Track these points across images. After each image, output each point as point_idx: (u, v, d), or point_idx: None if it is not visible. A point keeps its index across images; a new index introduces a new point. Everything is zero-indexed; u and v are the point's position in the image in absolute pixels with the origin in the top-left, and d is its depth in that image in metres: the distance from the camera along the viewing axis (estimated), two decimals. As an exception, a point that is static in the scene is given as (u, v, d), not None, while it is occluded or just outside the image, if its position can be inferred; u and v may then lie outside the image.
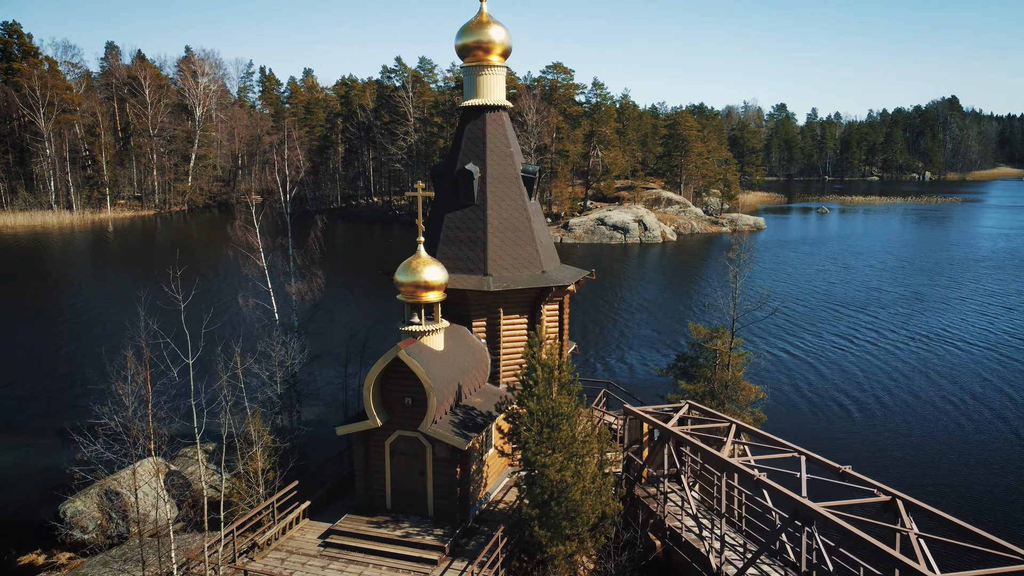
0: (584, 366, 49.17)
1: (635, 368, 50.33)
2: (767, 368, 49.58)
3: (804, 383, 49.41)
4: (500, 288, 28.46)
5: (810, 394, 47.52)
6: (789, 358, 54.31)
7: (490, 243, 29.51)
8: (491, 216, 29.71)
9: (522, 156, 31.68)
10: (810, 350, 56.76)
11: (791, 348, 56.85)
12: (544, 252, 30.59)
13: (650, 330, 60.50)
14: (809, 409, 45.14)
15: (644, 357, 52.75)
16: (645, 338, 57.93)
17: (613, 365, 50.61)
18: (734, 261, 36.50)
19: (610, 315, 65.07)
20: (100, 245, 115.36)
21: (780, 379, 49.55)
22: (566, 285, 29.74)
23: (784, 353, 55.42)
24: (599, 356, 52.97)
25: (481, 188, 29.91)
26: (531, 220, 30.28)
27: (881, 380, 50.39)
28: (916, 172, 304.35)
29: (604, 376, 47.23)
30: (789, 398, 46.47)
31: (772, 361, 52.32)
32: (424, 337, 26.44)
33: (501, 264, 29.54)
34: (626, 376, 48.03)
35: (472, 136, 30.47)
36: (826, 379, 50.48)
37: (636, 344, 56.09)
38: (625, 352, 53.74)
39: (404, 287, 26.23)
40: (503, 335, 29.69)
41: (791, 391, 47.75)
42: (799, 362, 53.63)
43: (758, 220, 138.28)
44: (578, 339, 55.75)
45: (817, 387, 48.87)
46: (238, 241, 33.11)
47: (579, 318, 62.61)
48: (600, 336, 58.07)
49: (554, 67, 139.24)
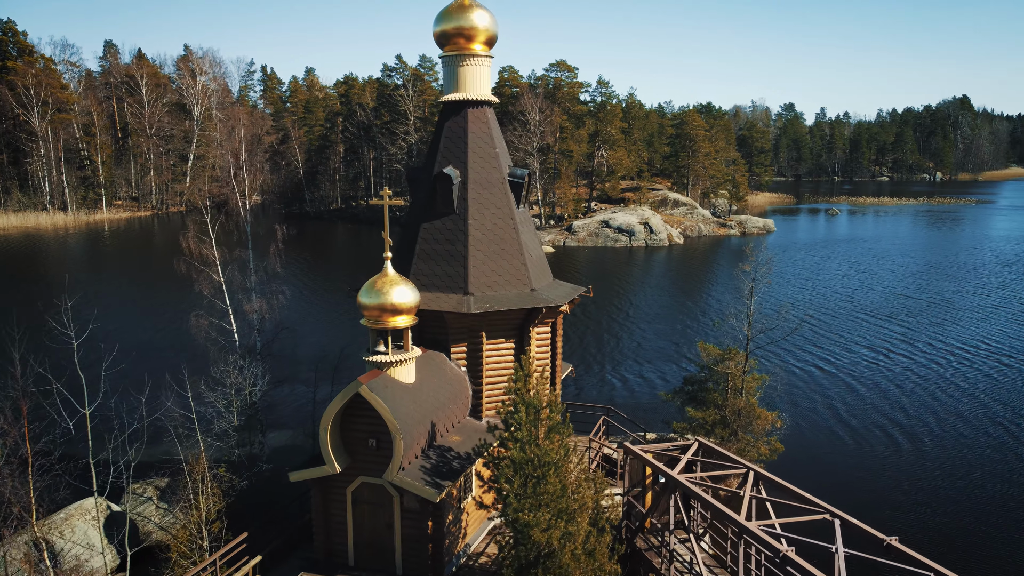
0: (582, 388, 45.23)
1: (639, 389, 46.40)
2: (788, 386, 45.18)
3: (832, 405, 44.59)
4: (482, 309, 24.84)
5: (840, 419, 42.62)
6: (813, 374, 49.77)
7: (471, 257, 25.89)
8: (473, 226, 26.09)
9: (509, 158, 28.04)
10: (837, 365, 52.20)
11: (815, 362, 52.39)
12: (534, 267, 26.95)
13: (655, 345, 56.33)
14: (839, 439, 40.12)
15: (649, 376, 48.77)
16: (650, 353, 53.80)
17: (614, 385, 46.68)
18: (749, 274, 32.74)
19: (612, 327, 60.99)
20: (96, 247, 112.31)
21: (803, 400, 45.05)
22: (558, 305, 26.09)
23: (807, 368, 50.94)
24: (599, 374, 48.99)
25: (462, 194, 26.29)
26: (519, 231, 26.65)
27: (925, 402, 45.20)
28: (927, 172, 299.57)
29: (604, 397, 43.48)
30: (814, 424, 41.75)
31: (793, 378, 47.97)
32: (392, 368, 22.82)
33: (484, 282, 25.91)
34: (629, 398, 44.12)
35: (452, 135, 26.85)
36: (859, 400, 45.47)
37: (640, 360, 52.05)
38: (628, 370, 49.74)
39: (368, 311, 22.61)
40: (486, 363, 26.06)
41: (816, 415, 43.04)
42: (825, 379, 48.96)
43: (767, 222, 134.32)
44: (576, 354, 52.06)
45: (849, 410, 43.97)
46: (190, 253, 29.58)
47: (578, 330, 58.88)
48: (600, 351, 54.10)
49: (557, 65, 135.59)
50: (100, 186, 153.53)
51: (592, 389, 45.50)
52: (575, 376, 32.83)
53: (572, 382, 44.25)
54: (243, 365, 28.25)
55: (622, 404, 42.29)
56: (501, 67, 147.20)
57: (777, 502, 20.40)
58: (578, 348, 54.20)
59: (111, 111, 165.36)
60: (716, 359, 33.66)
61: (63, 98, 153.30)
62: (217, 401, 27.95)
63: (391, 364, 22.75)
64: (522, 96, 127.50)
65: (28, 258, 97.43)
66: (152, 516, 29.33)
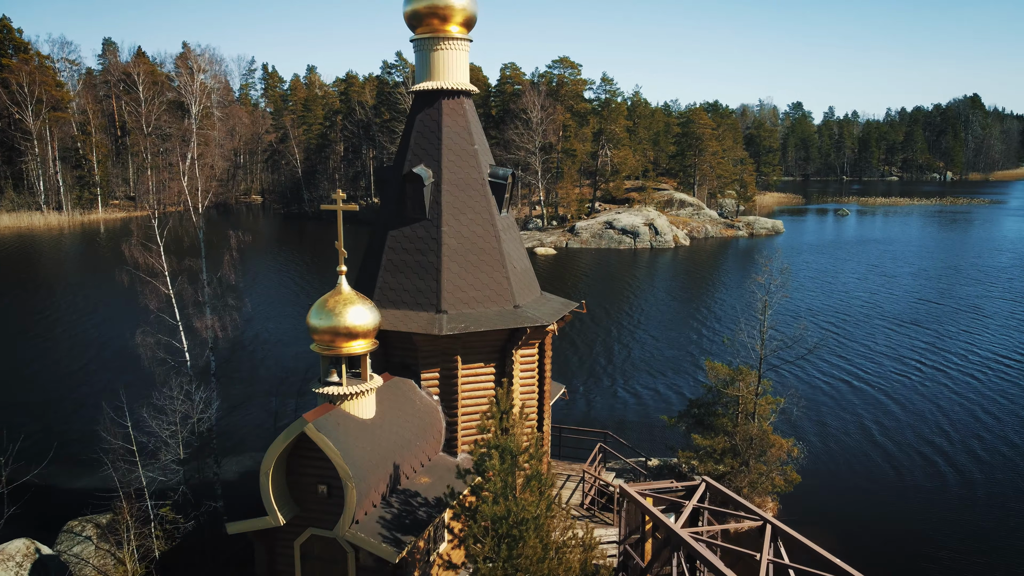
0: (577, 407, 41.46)
1: (641, 408, 42.49)
2: (808, 404, 41.02)
3: (860, 427, 39.85)
4: (456, 331, 21.49)
5: (871, 444, 37.82)
6: (836, 390, 45.45)
7: (445, 270, 22.55)
8: (447, 234, 22.74)
9: (490, 156, 24.68)
10: (863, 378, 47.71)
11: (837, 375, 48.07)
12: (517, 280, 23.58)
13: (660, 357, 52.26)
14: (870, 469, 35.17)
15: (652, 393, 44.89)
16: (654, 367, 49.78)
17: (614, 404, 42.89)
18: (762, 286, 29.27)
19: (612, 337, 57.02)
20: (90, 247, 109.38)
21: (824, 421, 40.56)
22: (545, 325, 22.71)
23: (828, 383, 46.56)
24: (597, 391, 45.18)
25: (435, 197, 22.93)
26: (500, 239, 23.29)
27: (967, 423, 40.39)
28: (937, 172, 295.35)
29: (602, 417, 39.90)
30: (839, 451, 37.10)
31: (812, 394, 43.88)
32: (347, 402, 19.49)
33: (460, 298, 22.56)
34: (629, 419, 40.17)
35: (424, 130, 23.50)
36: (891, 421, 40.74)
37: (643, 375, 48.09)
38: (629, 386, 45.94)
39: (319, 335, 19.28)
40: (462, 391, 22.71)
41: (842, 439, 38.37)
42: (850, 396, 44.44)
43: (776, 223, 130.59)
44: (572, 368, 48.53)
45: (883, 432, 39.29)
46: (133, 262, 26.29)
47: (574, 341, 55.36)
48: (599, 364, 50.27)
49: (561, 61, 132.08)
50: (96, 185, 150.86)
51: (589, 408, 41.77)
52: (567, 399, 29.38)
53: (561, 408, 40.55)
54: (189, 390, 24.92)
55: (622, 425, 38.88)
56: (503, 64, 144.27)
57: (802, 570, 16.96)
58: (574, 360, 50.67)
59: (110, 110, 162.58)
60: (725, 380, 30.25)
61: (58, 96, 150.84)
62: (160, 430, 24.65)
63: (345, 397, 19.41)
64: (524, 93, 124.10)
65: (13, 260, 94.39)
66: (90, 558, 26.08)
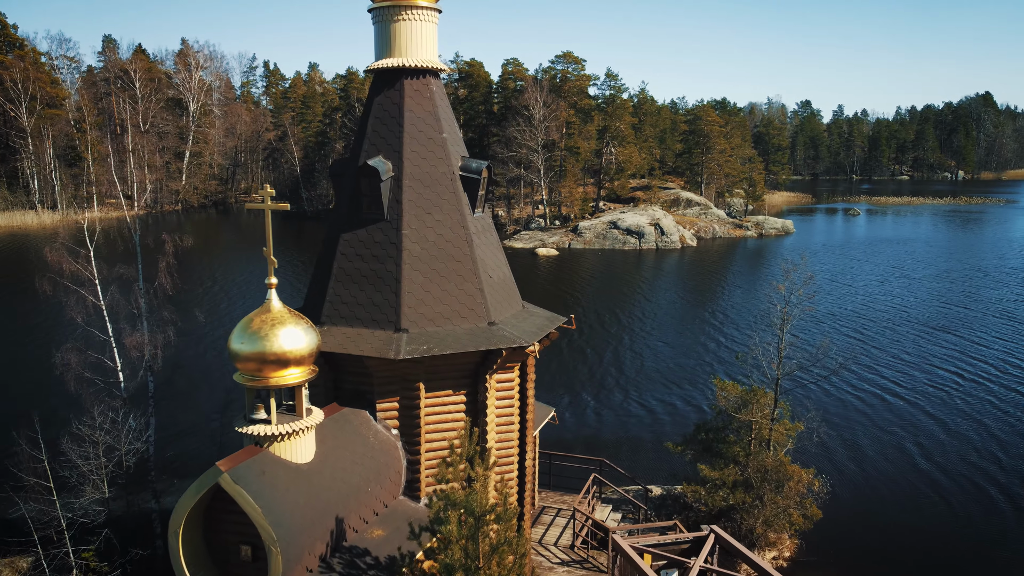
0: (569, 429, 37.22)
1: (640, 429, 38.32)
2: (834, 422, 37.33)
3: (894, 449, 35.30)
4: (417, 354, 17.98)
5: (906, 470, 33.53)
6: (864, 405, 41.14)
7: (406, 280, 19.04)
8: (409, 238, 19.23)
9: (463, 147, 21.14)
10: (895, 391, 43.42)
11: (865, 387, 43.73)
12: (493, 292, 20.05)
13: (663, 370, 47.91)
14: (905, 502, 30.70)
15: (653, 412, 40.74)
16: (656, 381, 45.56)
17: (611, 425, 38.72)
18: (782, 297, 25.63)
19: (611, 347, 52.99)
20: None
21: (852, 440, 36.30)
22: (524, 346, 19.17)
23: (855, 397, 42.26)
24: (593, 409, 41.02)
25: (394, 195, 19.42)
26: (473, 243, 19.77)
27: (1021, 446, 36.27)
28: (948, 171, 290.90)
29: (599, 438, 36.12)
30: (867, 477, 32.68)
31: (839, 410, 39.97)
32: (277, 444, 15.99)
33: (423, 314, 19.05)
34: (628, 440, 36.41)
35: (383, 115, 19.98)
36: (930, 441, 36.33)
37: (644, 390, 43.93)
38: (628, 404, 41.81)
39: (242, 362, 15.76)
40: (426, 423, 19.20)
41: (870, 462, 33.96)
42: (882, 411, 40.16)
43: (786, 223, 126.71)
44: (565, 383, 44.69)
45: (920, 456, 34.82)
46: (58, 268, 22.87)
47: (568, 353, 51.68)
48: (595, 379, 46.08)
49: (564, 56, 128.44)
50: (91, 184, 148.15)
51: (583, 428, 37.90)
52: (557, 423, 25.82)
53: (549, 433, 36.75)
54: (117, 417, 21.48)
55: (620, 447, 35.25)
56: (505, 59, 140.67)
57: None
58: (567, 372, 46.84)
59: (110, 108, 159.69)
60: (737, 401, 26.67)
61: (53, 93, 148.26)
62: (83, 463, 21.21)
63: (274, 438, 15.91)
64: (526, 89, 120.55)
65: None
66: (5, 610, 22.69)
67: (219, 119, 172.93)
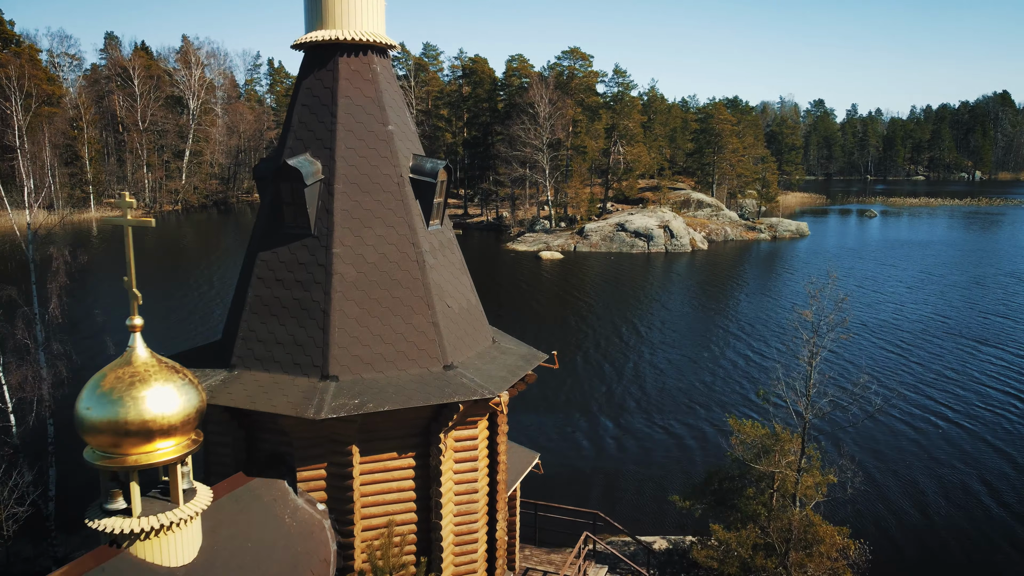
0: (559, 468, 31.42)
1: (643, 471, 32.75)
2: (872, 458, 32.73)
3: (956, 488, 30.41)
4: (345, 412, 13.81)
5: (971, 522, 28.48)
6: (919, 432, 36.28)
7: (337, 312, 14.87)
8: (341, 259, 15.06)
9: (417, 142, 16.94)
10: (946, 416, 38.61)
11: (911, 411, 38.61)
12: (452, 327, 15.87)
13: (669, 396, 42.50)
14: (970, 556, 26.31)
15: (658, 450, 35.26)
16: (662, 410, 40.20)
17: (608, 462, 33.55)
18: (810, 325, 21.29)
19: (613, 365, 48.28)
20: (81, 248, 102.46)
21: (897, 486, 30.92)
22: (489, 397, 14.96)
23: (904, 422, 37.33)
24: (587, 443, 36.03)
25: (324, 203, 15.26)
26: (426, 265, 15.59)
27: None
28: (965, 171, 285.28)
29: (593, 484, 31.56)
30: (919, 534, 27.62)
31: (881, 437, 35.49)
32: (141, 542, 11.84)
33: (359, 355, 14.89)
34: (628, 485, 31.35)
35: (311, 103, 15.82)
36: (999, 479, 31.19)
37: (647, 421, 38.65)
38: (630, 433, 36.81)
39: (92, 435, 11.59)
40: (362, 495, 15.02)
41: (925, 513, 28.90)
42: (929, 443, 35.21)
43: (800, 225, 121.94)
44: (559, 405, 40.30)
45: (989, 497, 29.88)
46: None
47: (558, 374, 47.40)
48: (589, 406, 41.04)
49: (571, 52, 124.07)
50: (88, 184, 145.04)
51: (576, 467, 33.01)
52: (541, 472, 21.58)
53: (533, 483, 32.34)
54: None
55: (619, 491, 30.80)
56: (510, 55, 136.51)
57: None
58: (560, 396, 42.24)
59: (112, 106, 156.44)
60: (756, 447, 22.40)
61: (49, 91, 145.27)
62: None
63: (136, 536, 11.76)
64: (531, 86, 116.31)
65: None
66: None
67: (220, 117, 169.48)
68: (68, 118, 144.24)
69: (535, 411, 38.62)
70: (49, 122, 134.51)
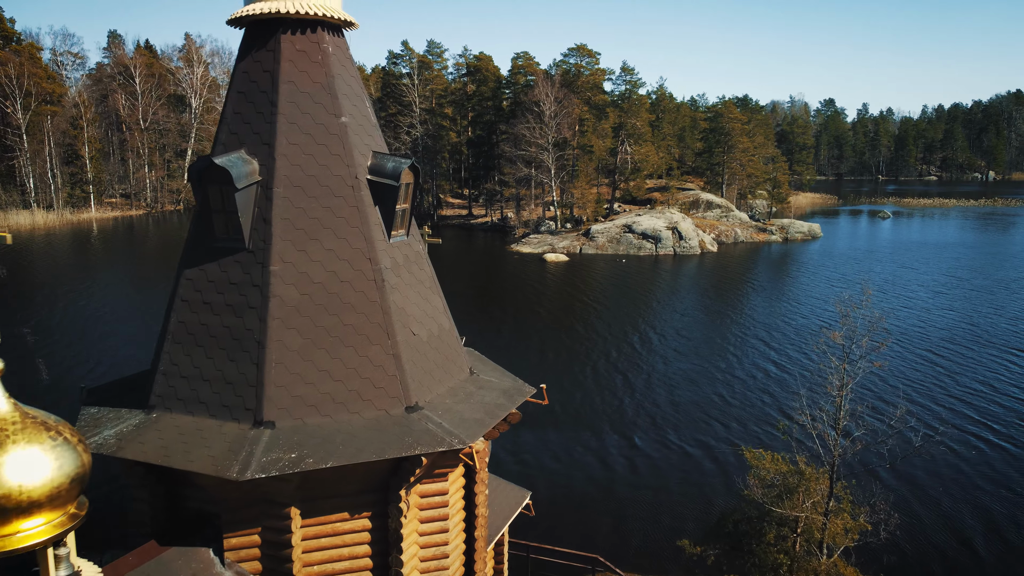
0: (560, 505, 28.49)
1: (654, 505, 29.40)
2: (906, 487, 29.35)
3: (1005, 527, 27.27)
4: (278, 471, 11.17)
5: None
6: (952, 455, 32.83)
7: (275, 343, 12.23)
8: (281, 278, 12.41)
9: (378, 138, 14.26)
10: (989, 439, 35.25)
11: (949, 431, 34.42)
12: (419, 359, 13.20)
13: (678, 414, 39.15)
14: None
15: (673, 476, 31.94)
16: (669, 429, 37.11)
17: (615, 493, 30.24)
18: (840, 350, 18.53)
19: (616, 380, 45.00)
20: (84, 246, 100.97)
21: (938, 523, 27.32)
22: (459, 448, 12.28)
23: (941, 441, 32.77)
24: (594, 470, 32.54)
25: (262, 211, 12.61)
26: (384, 285, 12.92)
27: None
28: (978, 172, 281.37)
29: (594, 514, 28.68)
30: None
31: (915, 463, 31.29)
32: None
33: (301, 396, 12.24)
34: (638, 520, 28.04)
35: (249, 89, 13.17)
36: None
37: (661, 441, 35.44)
38: (640, 462, 33.44)
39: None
40: (304, 566, 12.36)
41: (973, 552, 25.61)
42: (973, 469, 31.64)
43: (813, 227, 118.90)
44: (562, 426, 37.19)
45: None
46: None
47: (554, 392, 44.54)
48: (589, 425, 37.63)
49: (577, 49, 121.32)
50: (88, 183, 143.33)
51: (578, 497, 29.78)
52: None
53: (547, 493, 29.40)
54: None
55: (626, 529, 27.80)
56: (515, 53, 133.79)
57: None
58: (568, 408, 39.60)
59: (115, 105, 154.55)
60: (777, 487, 19.68)
61: (49, 89, 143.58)
62: None
63: (-11, 643, 9.14)
64: (537, 84, 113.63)
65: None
66: None
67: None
68: (69, 117, 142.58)
69: (536, 428, 35.80)
70: (49, 120, 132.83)
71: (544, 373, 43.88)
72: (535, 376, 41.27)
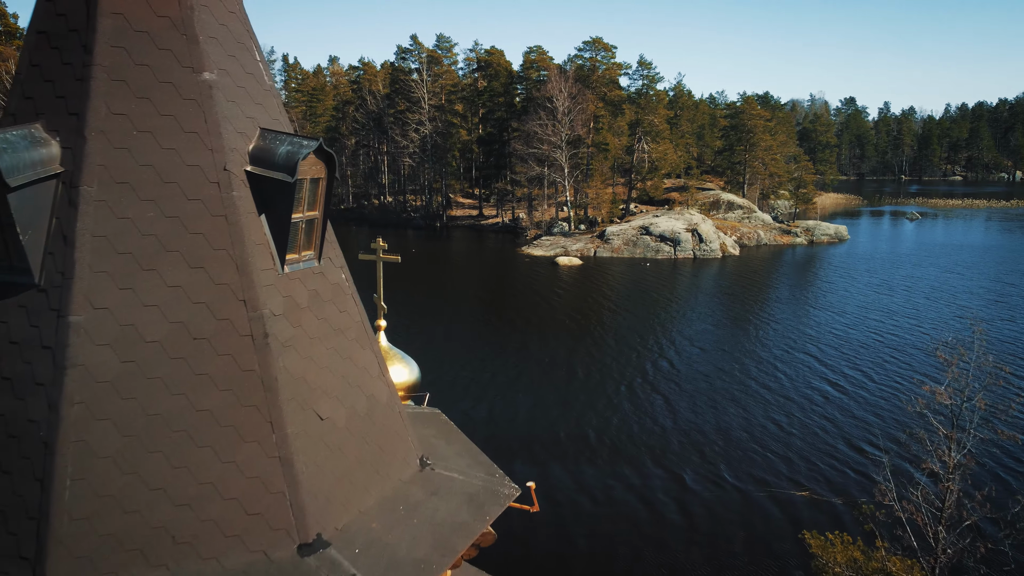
0: (597, 567, 24.05)
1: (709, 573, 24.34)
2: None
3: None
4: None
5: None
6: None
7: (72, 446, 7.32)
8: (88, 336, 7.51)
9: (280, 113, 9.33)
10: None
11: None
12: (323, 461, 8.26)
13: (737, 444, 33.88)
14: None
15: (727, 538, 26.25)
16: (730, 462, 31.95)
17: (664, 550, 25.21)
18: (949, 412, 13.46)
19: (655, 407, 39.60)
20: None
21: None
22: (381, 619, 7.36)
23: None
24: (631, 523, 27.51)
25: (61, 224, 7.71)
26: (269, 341, 7.99)
27: None
28: (1005, 172, 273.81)
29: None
30: None
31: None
32: None
33: (116, 535, 7.34)
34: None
35: (55, 30, 8.24)
36: None
37: (715, 480, 30.28)
38: (695, 506, 28.28)
39: None
40: None
41: None
42: None
43: (839, 228, 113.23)
44: (583, 473, 32.25)
45: None
46: None
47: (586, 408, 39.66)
48: (638, 452, 33.16)
49: (592, 43, 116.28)
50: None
51: (616, 559, 24.93)
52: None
53: (577, 561, 24.78)
54: None
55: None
56: (528, 47, 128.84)
57: None
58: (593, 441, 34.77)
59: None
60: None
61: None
62: None
63: None
64: (550, 80, 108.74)
65: None
66: None
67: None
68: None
69: (569, 461, 30.97)
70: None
71: (575, 394, 39.85)
72: (565, 397, 36.07)
